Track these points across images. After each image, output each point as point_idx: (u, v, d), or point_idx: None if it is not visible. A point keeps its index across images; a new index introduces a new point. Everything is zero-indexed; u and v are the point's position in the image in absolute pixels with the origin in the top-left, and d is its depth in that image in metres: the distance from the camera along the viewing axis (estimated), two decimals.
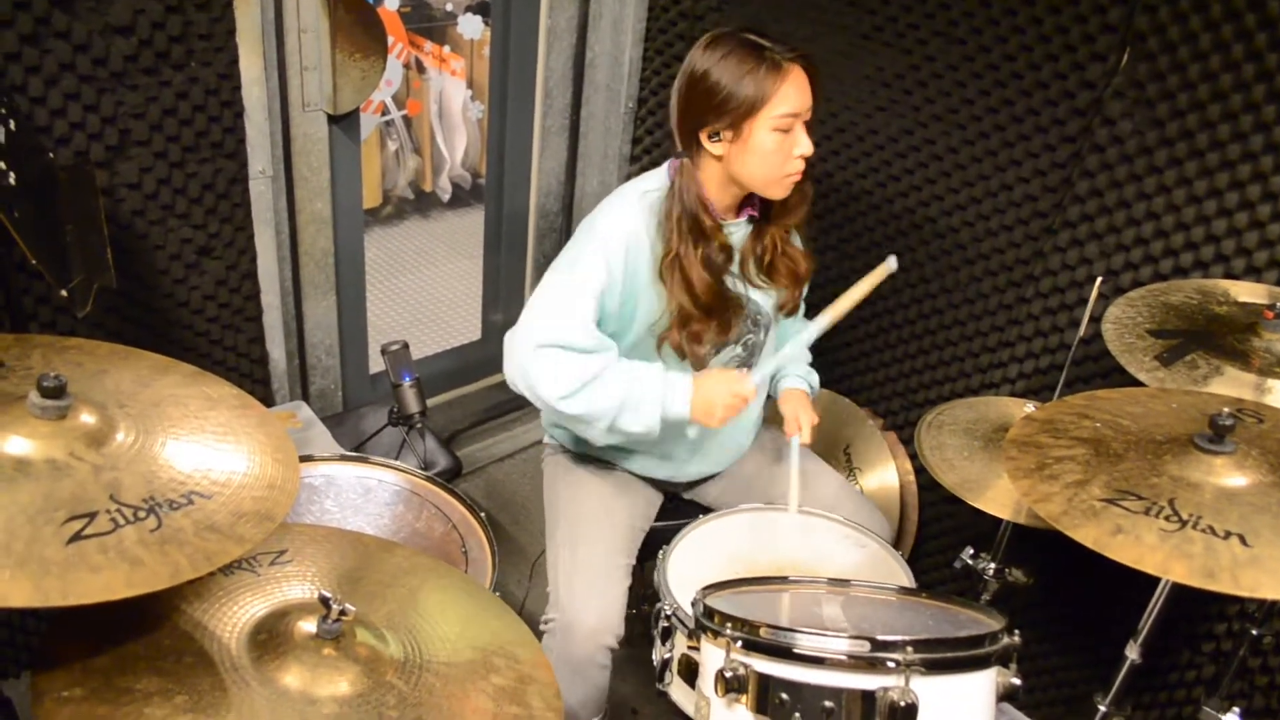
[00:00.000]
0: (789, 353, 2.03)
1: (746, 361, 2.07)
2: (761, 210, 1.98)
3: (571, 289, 1.84)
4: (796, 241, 2.05)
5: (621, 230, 1.87)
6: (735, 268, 1.98)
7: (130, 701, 1.11)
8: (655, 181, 1.94)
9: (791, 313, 2.12)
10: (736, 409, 1.87)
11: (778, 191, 1.89)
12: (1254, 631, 1.93)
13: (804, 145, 1.84)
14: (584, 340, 1.83)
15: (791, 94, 1.79)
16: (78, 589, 1.02)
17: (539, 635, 1.64)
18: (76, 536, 1.07)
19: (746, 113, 1.79)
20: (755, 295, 2.02)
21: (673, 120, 1.89)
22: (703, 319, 1.91)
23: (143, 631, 1.21)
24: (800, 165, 1.86)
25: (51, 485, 1.12)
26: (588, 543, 1.99)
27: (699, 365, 1.96)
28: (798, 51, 1.81)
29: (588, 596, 1.90)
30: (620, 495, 2.11)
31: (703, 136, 1.84)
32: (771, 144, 1.81)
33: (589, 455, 2.17)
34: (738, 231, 1.97)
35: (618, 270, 1.86)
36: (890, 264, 1.84)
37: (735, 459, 2.23)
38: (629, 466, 2.15)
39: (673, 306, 1.90)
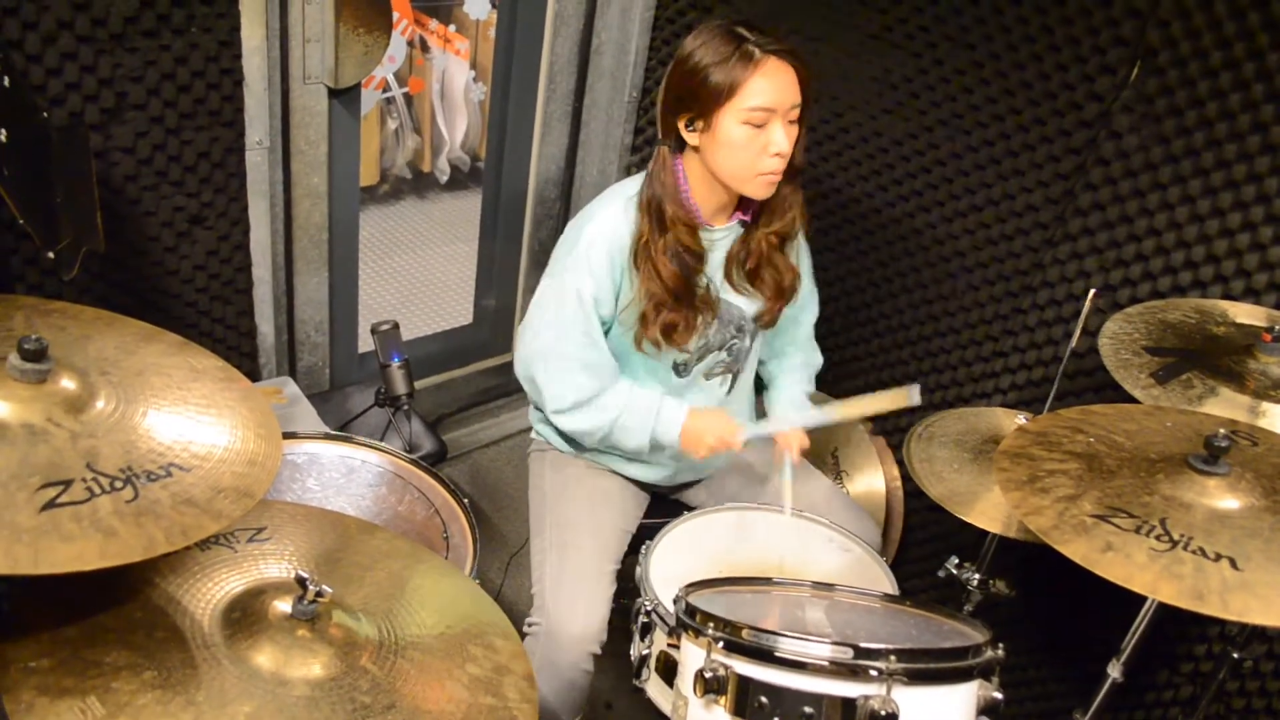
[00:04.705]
0: (782, 414, 2.14)
1: (732, 367, 2.06)
2: (753, 215, 1.95)
3: (565, 300, 1.88)
4: (793, 254, 2.02)
5: (603, 238, 1.88)
6: (719, 270, 1.96)
7: (98, 674, 1.09)
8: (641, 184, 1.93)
9: (768, 326, 2.07)
10: (723, 448, 1.95)
11: (752, 190, 1.85)
12: (1235, 654, 1.92)
13: (779, 143, 1.77)
14: (583, 352, 1.89)
15: (764, 87, 1.74)
16: (49, 558, 1.00)
17: (519, 632, 1.63)
18: (50, 504, 1.04)
19: (715, 102, 1.76)
20: (738, 300, 2.00)
21: (658, 106, 1.87)
22: (674, 307, 1.89)
23: (114, 604, 1.19)
24: (776, 164, 1.80)
25: (27, 450, 1.09)
26: (575, 548, 1.97)
27: (683, 356, 1.97)
28: (780, 45, 1.75)
29: (574, 603, 1.88)
30: (608, 500, 2.09)
31: (680, 125, 1.83)
32: (741, 137, 1.77)
33: (576, 455, 2.15)
34: (726, 236, 1.95)
35: (604, 277, 1.87)
36: (914, 397, 1.85)
37: (722, 463, 2.21)
38: (616, 468, 2.13)
39: (643, 294, 1.88)
